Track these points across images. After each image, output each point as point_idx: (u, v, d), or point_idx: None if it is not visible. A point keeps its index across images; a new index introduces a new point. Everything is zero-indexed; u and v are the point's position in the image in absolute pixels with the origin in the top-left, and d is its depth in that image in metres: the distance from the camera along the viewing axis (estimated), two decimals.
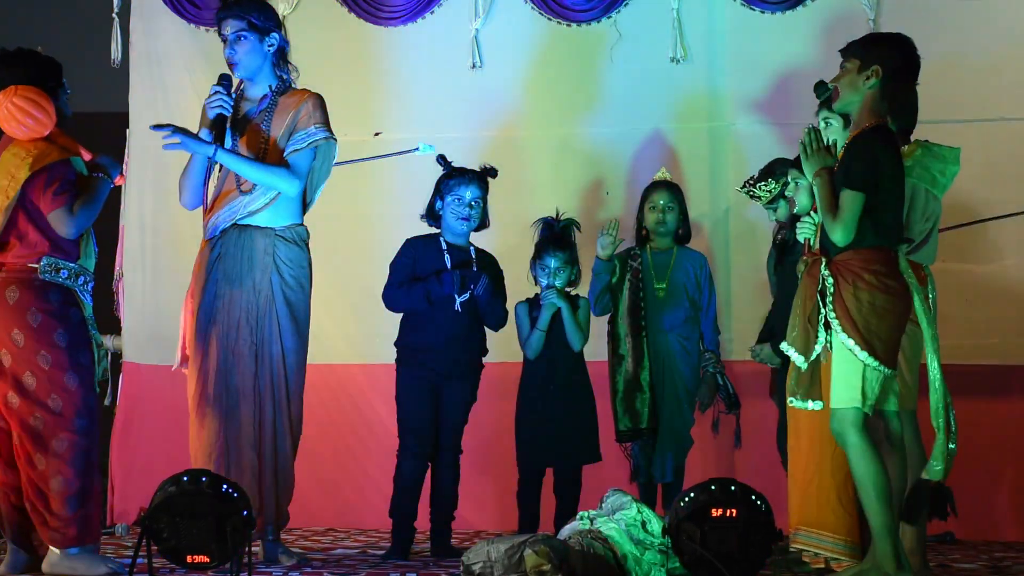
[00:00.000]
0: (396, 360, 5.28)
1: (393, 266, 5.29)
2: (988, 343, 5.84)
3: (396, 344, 5.29)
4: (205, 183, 4.94)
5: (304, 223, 4.97)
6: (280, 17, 4.99)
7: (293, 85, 4.98)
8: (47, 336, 4.45)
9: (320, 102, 4.90)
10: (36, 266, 4.48)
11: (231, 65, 4.90)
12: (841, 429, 4.13)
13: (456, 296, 5.15)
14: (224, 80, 4.86)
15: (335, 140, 4.93)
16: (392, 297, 5.24)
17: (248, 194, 4.85)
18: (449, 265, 5.21)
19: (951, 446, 4.20)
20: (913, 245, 4.40)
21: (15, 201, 4.47)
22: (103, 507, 4.62)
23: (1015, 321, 5.88)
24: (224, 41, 4.90)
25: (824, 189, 4.16)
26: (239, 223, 4.84)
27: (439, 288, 5.14)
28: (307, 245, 4.95)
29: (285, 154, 4.83)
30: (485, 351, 5.32)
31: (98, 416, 4.57)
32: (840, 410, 4.14)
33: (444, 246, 5.25)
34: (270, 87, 4.94)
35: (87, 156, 4.64)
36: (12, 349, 4.46)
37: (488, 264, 5.31)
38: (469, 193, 5.23)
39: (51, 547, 4.44)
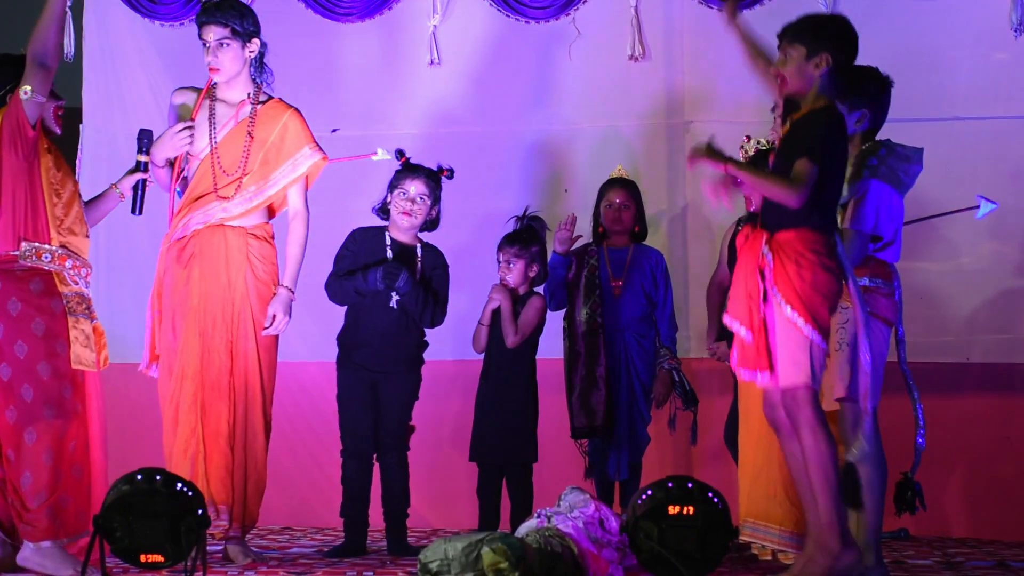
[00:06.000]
0: (336, 359, 5.25)
1: (336, 257, 5.28)
2: (942, 340, 5.87)
3: (336, 342, 5.27)
4: (172, 185, 4.97)
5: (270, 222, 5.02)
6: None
7: (269, 91, 5.00)
8: (25, 325, 4.39)
9: (303, 119, 4.97)
10: (16, 253, 4.41)
11: (212, 71, 4.89)
12: (793, 406, 4.04)
13: (387, 292, 5.12)
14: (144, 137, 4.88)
15: (323, 153, 4.99)
16: (329, 288, 5.23)
17: (227, 201, 4.86)
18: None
19: (919, 442, 4.22)
20: (882, 243, 4.39)
21: None
22: (88, 497, 4.48)
23: (968, 319, 5.92)
24: (205, 46, 4.88)
25: (745, 167, 4.14)
26: (212, 224, 4.85)
27: (365, 285, 5.12)
28: (274, 242, 4.98)
29: (286, 183, 4.90)
30: (424, 346, 5.29)
31: (74, 406, 4.44)
32: (791, 388, 4.04)
33: (388, 240, 5.23)
34: (248, 94, 4.94)
35: None
36: None
37: (432, 259, 5.26)
38: (414, 188, 5.20)
39: (24, 540, 4.38)
